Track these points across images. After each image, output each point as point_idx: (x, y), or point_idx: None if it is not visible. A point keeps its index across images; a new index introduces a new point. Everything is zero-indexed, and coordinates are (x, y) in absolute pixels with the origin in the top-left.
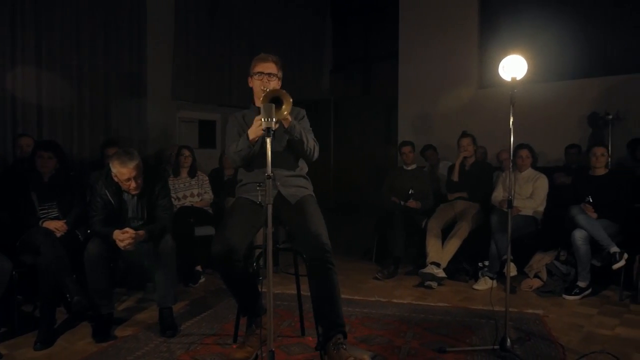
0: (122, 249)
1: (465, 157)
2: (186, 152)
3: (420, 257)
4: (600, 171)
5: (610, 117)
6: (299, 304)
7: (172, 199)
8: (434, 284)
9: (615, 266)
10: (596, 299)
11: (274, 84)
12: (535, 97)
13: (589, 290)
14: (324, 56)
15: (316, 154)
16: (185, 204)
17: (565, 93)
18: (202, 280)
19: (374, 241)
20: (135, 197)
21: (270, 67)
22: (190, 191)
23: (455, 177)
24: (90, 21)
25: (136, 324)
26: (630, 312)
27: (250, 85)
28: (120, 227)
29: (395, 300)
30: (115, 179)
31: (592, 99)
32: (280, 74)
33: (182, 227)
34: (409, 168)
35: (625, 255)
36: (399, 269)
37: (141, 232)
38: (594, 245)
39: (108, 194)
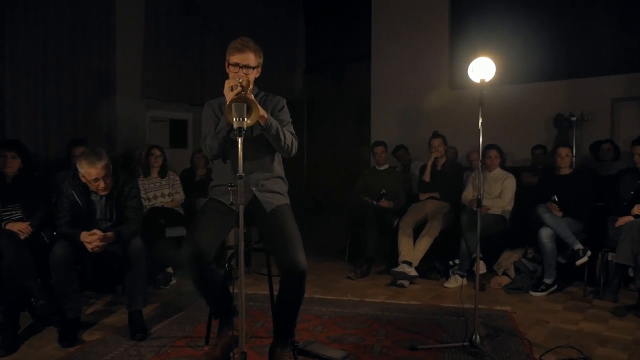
0: (90, 251)
1: (436, 157)
2: (157, 152)
3: (392, 256)
4: (565, 171)
5: (575, 118)
6: (272, 304)
7: (142, 200)
8: (406, 283)
9: (579, 263)
10: (561, 294)
11: (252, 76)
12: (503, 99)
13: (555, 287)
14: (297, 56)
15: (294, 150)
16: (156, 205)
17: (532, 95)
18: (174, 282)
19: (347, 241)
20: (104, 198)
21: (247, 58)
22: (161, 191)
23: (427, 177)
24: (56, 17)
25: (105, 328)
26: (593, 307)
27: (227, 72)
28: (88, 229)
29: (368, 299)
30: (83, 180)
31: (557, 101)
32: (258, 62)
33: (153, 228)
34: (382, 168)
35: (589, 252)
36: (372, 268)
37: (109, 233)
38: (560, 242)
39: (75, 195)
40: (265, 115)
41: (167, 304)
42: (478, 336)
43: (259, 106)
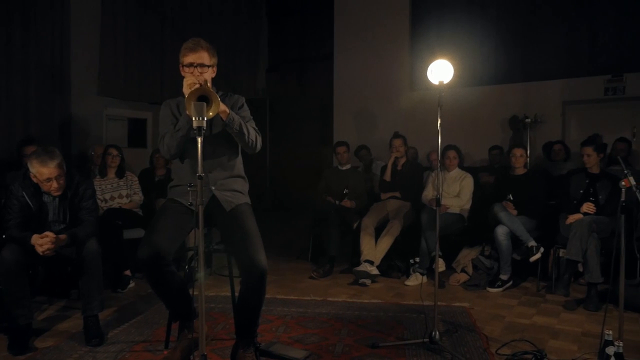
0: (42, 254)
1: (397, 158)
2: (114, 152)
3: (354, 256)
4: (520, 171)
5: (529, 120)
6: (234, 305)
7: (99, 201)
8: (367, 282)
9: (533, 259)
10: (516, 290)
11: (208, 75)
12: (462, 101)
13: (510, 283)
14: (260, 55)
15: (259, 145)
16: (113, 206)
17: (489, 97)
18: (132, 285)
19: (309, 240)
20: (57, 199)
21: (201, 57)
22: (119, 192)
23: (388, 177)
24: (5, 8)
25: (58, 334)
26: (546, 301)
27: (182, 74)
28: (40, 232)
29: (330, 299)
30: (34, 180)
31: (512, 104)
32: (213, 61)
33: (110, 230)
34: (344, 168)
35: (542, 249)
36: (334, 268)
37: (63, 236)
38: (515, 240)
39: (26, 196)
40: (227, 110)
41: (124, 307)
42: (437, 332)
43: (219, 99)
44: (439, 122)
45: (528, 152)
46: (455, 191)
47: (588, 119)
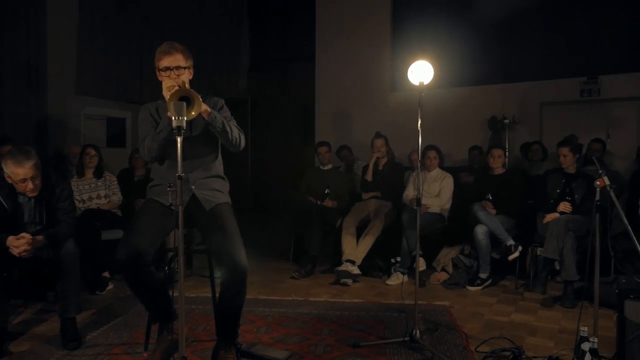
0: (18, 256)
1: (378, 158)
2: (91, 152)
3: (336, 255)
4: (498, 171)
5: (507, 121)
6: (215, 306)
7: (76, 201)
8: (349, 281)
9: (511, 257)
10: (495, 288)
11: (185, 77)
12: (442, 101)
13: (490, 281)
14: (242, 55)
15: (243, 143)
16: (91, 207)
17: (469, 98)
18: (110, 287)
19: (291, 240)
20: (33, 200)
21: (177, 59)
22: (97, 193)
23: (369, 177)
24: None
25: (34, 338)
26: (524, 299)
27: (160, 79)
28: (15, 233)
29: (311, 299)
30: (9, 180)
31: (491, 104)
32: (189, 63)
33: (87, 231)
34: (325, 168)
35: (520, 248)
36: (316, 268)
37: (39, 237)
38: (494, 239)
39: (0, 197)
40: (209, 109)
41: (103, 310)
42: (418, 331)
43: (200, 99)
44: (419, 122)
45: (507, 152)
46: (435, 191)
47: (564, 120)
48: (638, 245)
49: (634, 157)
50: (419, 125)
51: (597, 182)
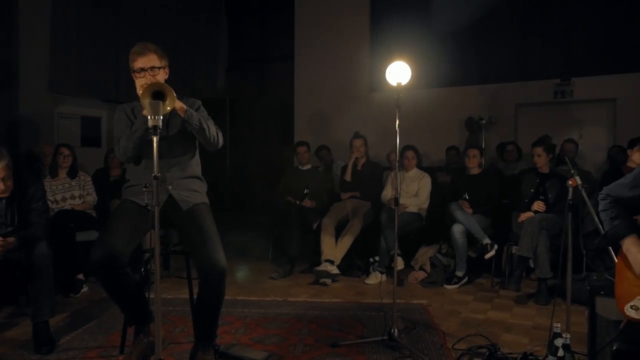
0: None
1: (357, 158)
2: (65, 151)
3: (315, 255)
4: (475, 171)
5: (484, 121)
6: (192, 307)
7: (49, 202)
8: (328, 281)
9: (487, 256)
10: (472, 286)
11: (160, 77)
12: (420, 102)
13: (466, 279)
14: (219, 54)
15: (221, 141)
16: (65, 207)
17: (446, 99)
18: (85, 289)
19: (269, 241)
20: (4, 201)
21: (151, 60)
22: (71, 193)
23: (348, 177)
24: None
25: (5, 342)
26: (499, 297)
27: (135, 80)
28: None
29: (290, 299)
30: None
31: (468, 105)
32: (164, 63)
33: (61, 233)
34: (304, 168)
35: (495, 246)
36: (295, 268)
37: (11, 239)
38: (470, 237)
39: None
40: (184, 107)
41: (77, 313)
42: (396, 330)
43: (174, 93)
44: (397, 122)
45: (483, 152)
46: (413, 191)
47: (539, 121)
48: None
49: (604, 158)
50: (396, 126)
51: (570, 182)
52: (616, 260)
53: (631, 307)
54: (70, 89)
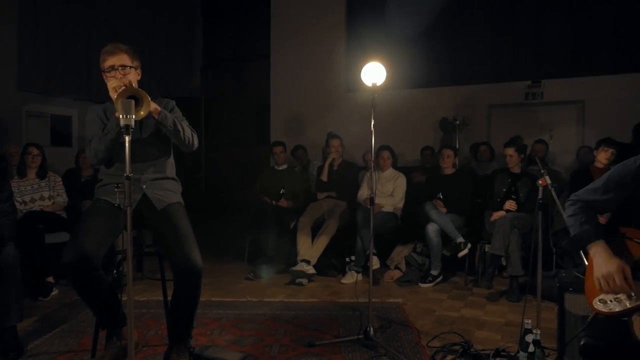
0: None
1: (333, 158)
2: (34, 151)
3: (291, 255)
4: (449, 171)
5: (458, 122)
6: (166, 309)
7: (17, 203)
8: (304, 281)
9: (461, 254)
10: (446, 285)
11: (132, 76)
12: (395, 103)
13: (440, 278)
14: (195, 53)
15: (196, 142)
16: (34, 208)
17: (421, 99)
18: (55, 292)
19: (246, 241)
20: None
21: (122, 58)
22: (40, 194)
23: (324, 177)
24: None
25: None
26: (473, 294)
27: (106, 81)
28: None
29: (266, 299)
30: None
31: (443, 106)
32: (136, 63)
33: (29, 234)
34: (281, 168)
35: (469, 245)
36: (271, 268)
37: None
38: (444, 236)
39: None
40: (158, 108)
41: (47, 317)
42: (372, 329)
43: (149, 98)
44: (373, 123)
45: (457, 152)
46: (389, 190)
47: (511, 122)
48: None
49: (573, 158)
50: (372, 126)
51: (540, 181)
52: (586, 263)
53: (599, 300)
54: (39, 87)
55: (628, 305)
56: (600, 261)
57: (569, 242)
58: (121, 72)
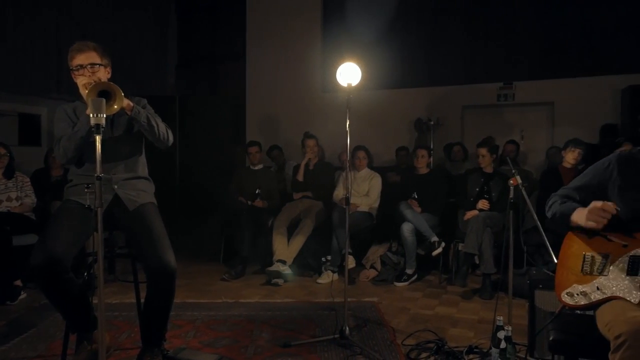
0: None
1: (309, 158)
2: (1, 150)
3: (267, 256)
4: (423, 170)
5: (432, 123)
6: (139, 311)
7: None
8: (280, 281)
9: (435, 253)
10: (421, 283)
11: (101, 74)
12: (370, 103)
13: (415, 276)
14: (169, 52)
15: (171, 137)
16: (0, 210)
17: (396, 100)
18: (23, 296)
19: (221, 242)
20: None
21: (90, 56)
22: (7, 195)
23: (300, 176)
24: None
25: None
26: (447, 292)
27: (75, 80)
28: None
29: (242, 300)
30: None
31: (417, 107)
32: (106, 61)
33: None
34: (256, 168)
35: (443, 244)
36: (247, 269)
37: None
38: (419, 236)
39: None
40: (131, 104)
41: (15, 321)
42: (348, 328)
43: (121, 92)
44: (348, 123)
45: (431, 152)
46: (364, 190)
47: (483, 123)
48: (546, 239)
49: (544, 158)
50: (347, 126)
51: (511, 181)
52: (555, 258)
53: (567, 293)
54: (6, 84)
55: (592, 299)
56: (582, 214)
57: (551, 221)
58: (90, 70)
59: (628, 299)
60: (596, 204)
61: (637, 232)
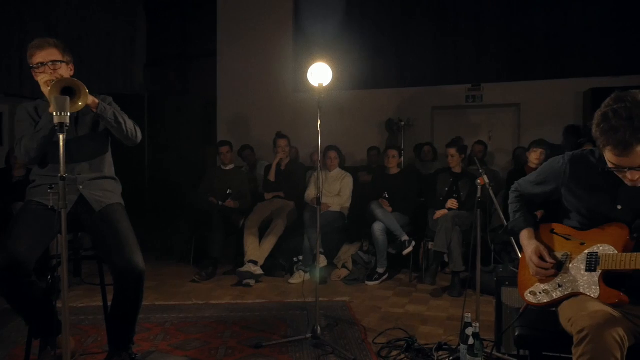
0: None
1: (281, 158)
2: None
3: (238, 256)
4: (394, 170)
5: (403, 123)
6: (106, 315)
7: None
8: (252, 282)
9: (405, 252)
10: (392, 282)
11: (63, 71)
12: (342, 103)
13: (386, 275)
14: (138, 49)
15: (139, 135)
16: None
17: (367, 101)
18: None
19: (191, 243)
20: None
21: (51, 53)
22: None
23: (272, 177)
24: None
25: None
26: (417, 291)
27: (36, 78)
28: None
29: (213, 302)
30: None
31: (388, 107)
32: (68, 58)
33: None
34: (227, 168)
35: (413, 243)
36: (218, 270)
37: None
38: (390, 235)
39: None
40: (96, 100)
41: None
42: (319, 327)
43: (86, 88)
44: (319, 123)
45: (402, 153)
46: (336, 190)
47: (452, 123)
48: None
49: (510, 158)
50: (318, 126)
51: (478, 181)
52: (520, 255)
53: (530, 292)
54: None
55: (554, 296)
56: (525, 245)
57: (504, 231)
58: (51, 67)
59: (588, 293)
60: (532, 257)
61: (592, 229)
